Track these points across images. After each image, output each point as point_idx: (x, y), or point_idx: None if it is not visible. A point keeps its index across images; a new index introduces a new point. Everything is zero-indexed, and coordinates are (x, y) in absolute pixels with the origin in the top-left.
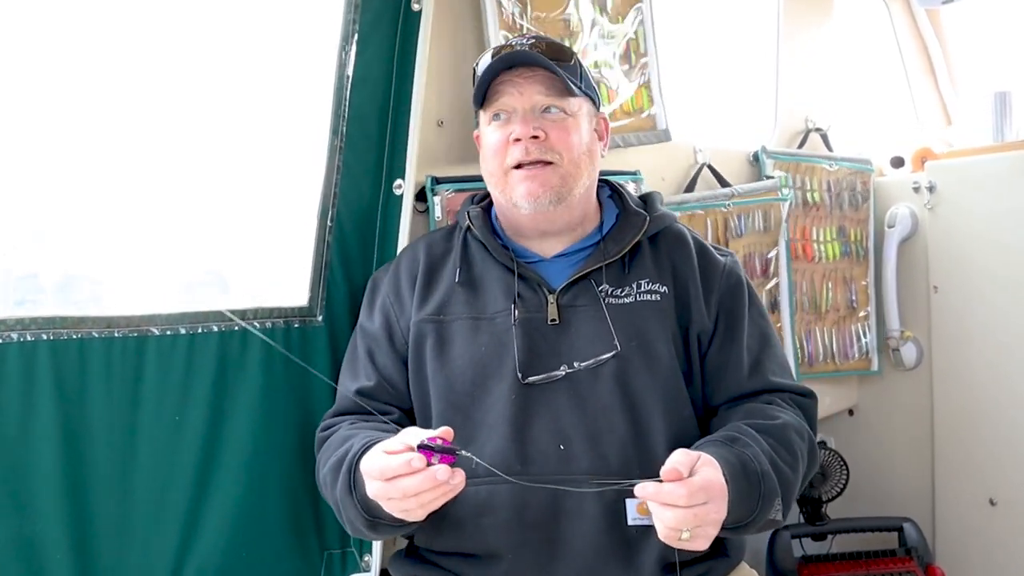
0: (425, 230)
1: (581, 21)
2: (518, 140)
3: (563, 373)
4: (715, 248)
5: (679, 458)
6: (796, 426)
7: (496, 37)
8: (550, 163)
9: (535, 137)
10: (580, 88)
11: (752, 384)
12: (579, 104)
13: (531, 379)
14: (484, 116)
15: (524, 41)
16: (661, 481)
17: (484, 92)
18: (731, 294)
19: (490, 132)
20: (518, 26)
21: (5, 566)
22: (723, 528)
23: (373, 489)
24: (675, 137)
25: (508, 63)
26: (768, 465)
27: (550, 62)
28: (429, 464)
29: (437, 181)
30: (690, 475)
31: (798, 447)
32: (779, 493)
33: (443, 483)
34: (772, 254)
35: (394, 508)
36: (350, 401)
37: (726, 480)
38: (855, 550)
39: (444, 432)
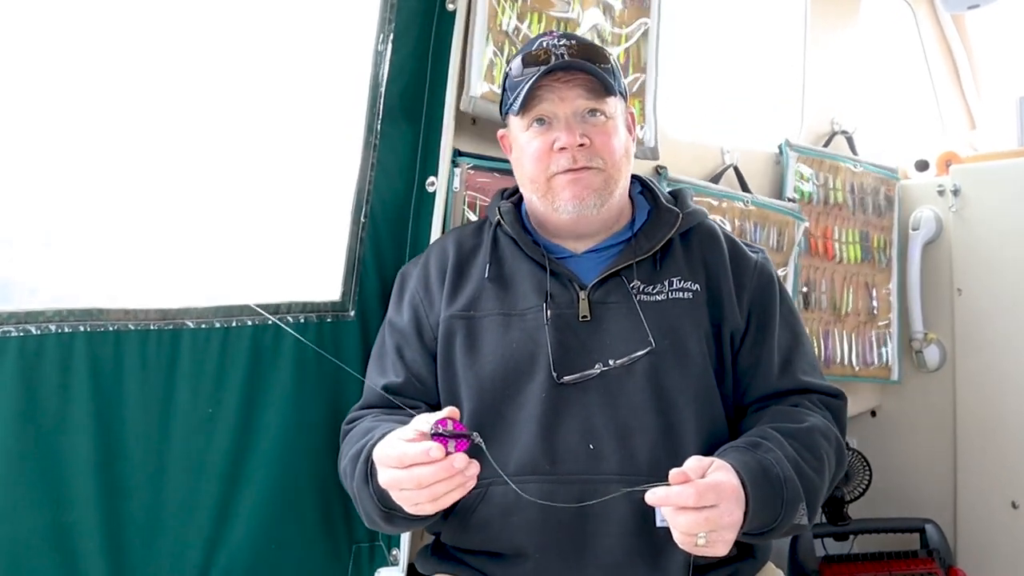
0: (443, 201)
1: (583, 13)
2: (563, 149)
3: (598, 371)
4: (746, 245)
5: (690, 464)
6: (823, 429)
7: (484, 13)
8: (594, 167)
9: (581, 145)
10: (616, 88)
11: (783, 383)
12: (615, 104)
13: (566, 379)
14: (521, 121)
15: (557, 43)
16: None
17: (523, 98)
18: (763, 292)
19: (529, 138)
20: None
21: (41, 552)
22: (747, 534)
23: (386, 477)
24: (702, 138)
25: (550, 70)
26: (791, 470)
27: (594, 67)
28: (447, 453)
29: (460, 153)
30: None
31: (824, 450)
32: (803, 498)
33: (459, 472)
34: (781, 274)
35: (404, 499)
36: (377, 396)
37: (744, 485)
38: (877, 551)
39: (450, 412)
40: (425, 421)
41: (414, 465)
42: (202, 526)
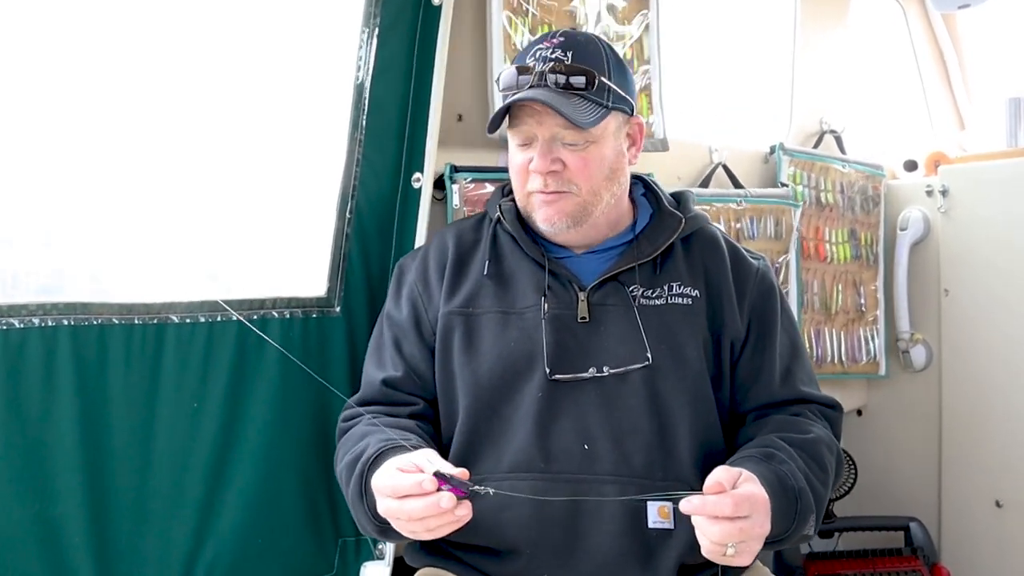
0: (442, 219)
1: (587, 16)
2: (535, 171)
3: (590, 376)
4: (747, 252)
5: (721, 474)
6: (827, 441)
7: (499, 17)
8: (568, 192)
9: (553, 171)
10: (608, 106)
11: (783, 393)
12: (604, 125)
13: (558, 377)
14: (508, 130)
15: (549, 55)
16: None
17: (503, 115)
18: (764, 300)
19: (513, 150)
20: (524, 9)
21: (25, 547)
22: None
23: (383, 507)
24: (690, 136)
25: (523, 99)
26: (804, 482)
27: (566, 109)
28: (439, 489)
29: (456, 169)
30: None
31: (828, 462)
32: (814, 510)
33: (447, 511)
34: (782, 260)
35: (401, 528)
36: (375, 389)
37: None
38: (861, 548)
39: (461, 473)
40: (428, 460)
41: (407, 497)
42: (187, 520)
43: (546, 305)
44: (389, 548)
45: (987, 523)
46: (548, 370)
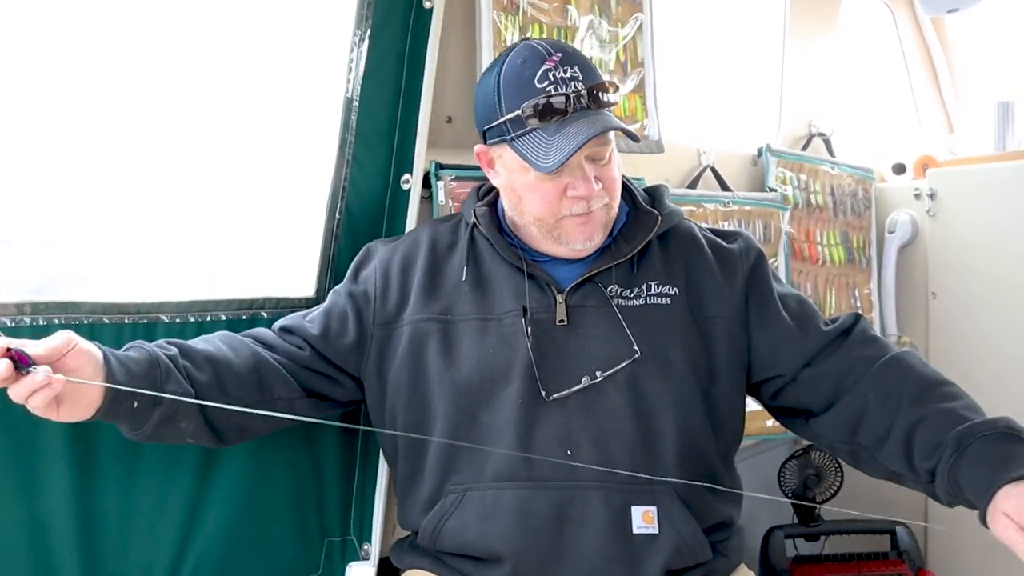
0: (428, 217)
1: (579, 18)
2: (579, 197)
3: (585, 385)
4: (724, 240)
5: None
6: (916, 362)
7: (487, 13)
8: (601, 206)
9: (596, 190)
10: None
11: (815, 342)
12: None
13: (555, 396)
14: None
15: (563, 75)
16: None
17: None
18: (754, 273)
19: (538, 179)
20: (514, 6)
21: (14, 545)
22: None
23: None
24: (679, 139)
25: (585, 136)
26: (979, 411)
27: (617, 122)
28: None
29: (441, 167)
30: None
31: (936, 373)
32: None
33: (13, 376)
34: (772, 263)
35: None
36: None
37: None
38: (847, 552)
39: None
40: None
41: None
42: (174, 519)
43: (528, 326)
44: (375, 549)
45: (973, 528)
46: (544, 392)
